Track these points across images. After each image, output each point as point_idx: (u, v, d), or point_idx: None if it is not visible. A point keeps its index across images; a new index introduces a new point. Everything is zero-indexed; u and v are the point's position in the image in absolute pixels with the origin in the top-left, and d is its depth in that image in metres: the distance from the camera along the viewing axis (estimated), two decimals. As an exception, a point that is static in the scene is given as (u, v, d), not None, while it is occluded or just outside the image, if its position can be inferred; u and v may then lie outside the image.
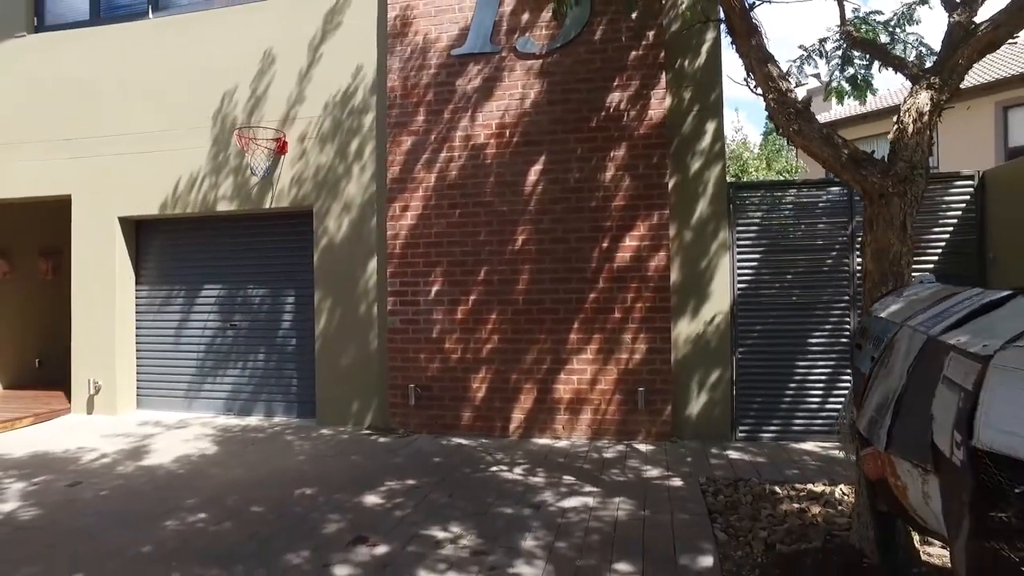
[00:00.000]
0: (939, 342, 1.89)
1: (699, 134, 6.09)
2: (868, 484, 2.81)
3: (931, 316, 2.13)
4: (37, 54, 7.97)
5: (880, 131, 14.61)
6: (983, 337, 1.65)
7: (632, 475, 4.96)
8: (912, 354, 2.08)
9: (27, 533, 4.09)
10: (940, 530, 1.89)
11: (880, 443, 2.16)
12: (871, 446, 2.33)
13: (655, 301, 5.98)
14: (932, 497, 1.83)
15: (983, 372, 1.50)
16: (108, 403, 7.58)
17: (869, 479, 2.65)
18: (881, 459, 2.23)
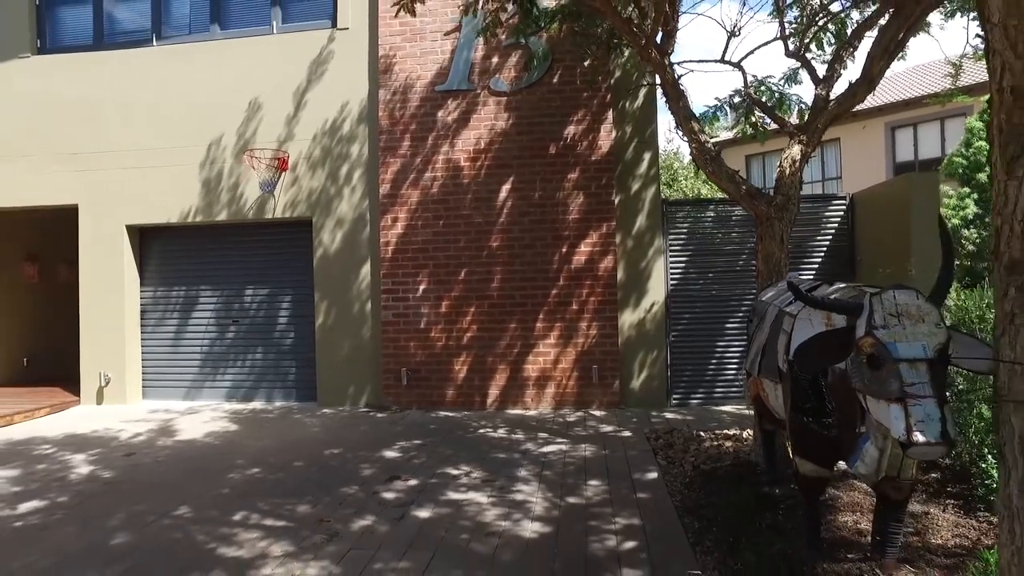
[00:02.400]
0: (782, 310, 3.32)
1: (638, 161, 7.53)
2: (756, 412, 4.26)
3: (783, 297, 3.56)
4: (41, 75, 8.69)
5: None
6: (796, 307, 3.07)
7: (592, 431, 6.34)
8: (771, 319, 3.52)
9: (117, 486, 5.09)
10: (782, 415, 3.31)
11: (756, 372, 3.60)
12: (751, 376, 3.76)
13: (604, 296, 7.38)
14: (779, 396, 3.25)
15: (792, 322, 2.91)
16: (118, 394, 8.40)
17: (753, 402, 4.09)
18: (756, 382, 3.68)
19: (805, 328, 2.81)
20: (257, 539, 3.91)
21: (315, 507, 4.42)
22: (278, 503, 4.53)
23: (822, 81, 5.18)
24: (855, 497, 4.14)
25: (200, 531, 4.07)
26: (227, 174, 8.16)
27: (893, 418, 2.22)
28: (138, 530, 4.14)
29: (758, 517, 3.84)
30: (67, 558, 3.75)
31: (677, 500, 4.34)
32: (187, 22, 8.70)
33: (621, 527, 3.91)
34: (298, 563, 3.55)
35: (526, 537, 3.82)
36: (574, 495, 4.51)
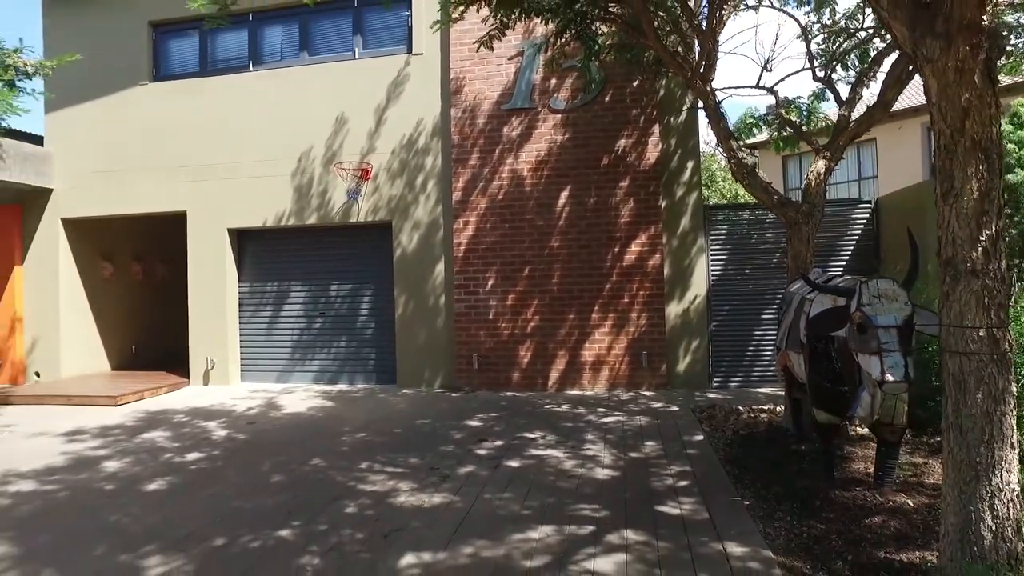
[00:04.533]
0: (803, 297, 4.27)
1: (682, 170, 8.46)
2: (786, 382, 5.20)
3: (805, 288, 4.50)
4: (156, 99, 9.98)
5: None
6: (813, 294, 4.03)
7: (643, 406, 7.31)
8: (795, 304, 4.47)
9: (253, 444, 6.23)
10: (804, 379, 4.25)
11: (784, 347, 4.56)
12: (780, 351, 4.73)
13: (652, 289, 8.33)
14: (801, 364, 4.20)
15: (809, 305, 3.87)
16: (222, 376, 9.64)
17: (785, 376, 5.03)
18: (784, 355, 4.64)
19: (818, 308, 3.79)
20: (385, 479, 4.98)
21: (423, 459, 5.49)
22: (392, 456, 5.61)
23: (845, 103, 6.06)
24: (868, 453, 5.04)
25: (337, 475, 5.16)
26: (316, 183, 9.32)
27: (873, 365, 3.21)
28: (286, 473, 5.26)
29: (786, 466, 4.79)
30: (242, 490, 4.88)
31: (720, 455, 5.30)
32: (279, 49, 9.89)
33: (675, 472, 4.89)
34: (424, 495, 4.61)
35: (600, 478, 4.82)
36: (634, 451, 5.50)
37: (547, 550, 3.60)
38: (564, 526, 3.93)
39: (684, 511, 4.10)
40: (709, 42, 6.09)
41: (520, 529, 3.90)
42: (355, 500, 4.53)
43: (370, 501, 4.50)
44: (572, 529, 3.88)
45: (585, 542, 3.70)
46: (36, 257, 10.36)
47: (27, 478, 5.35)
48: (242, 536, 3.96)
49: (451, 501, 4.44)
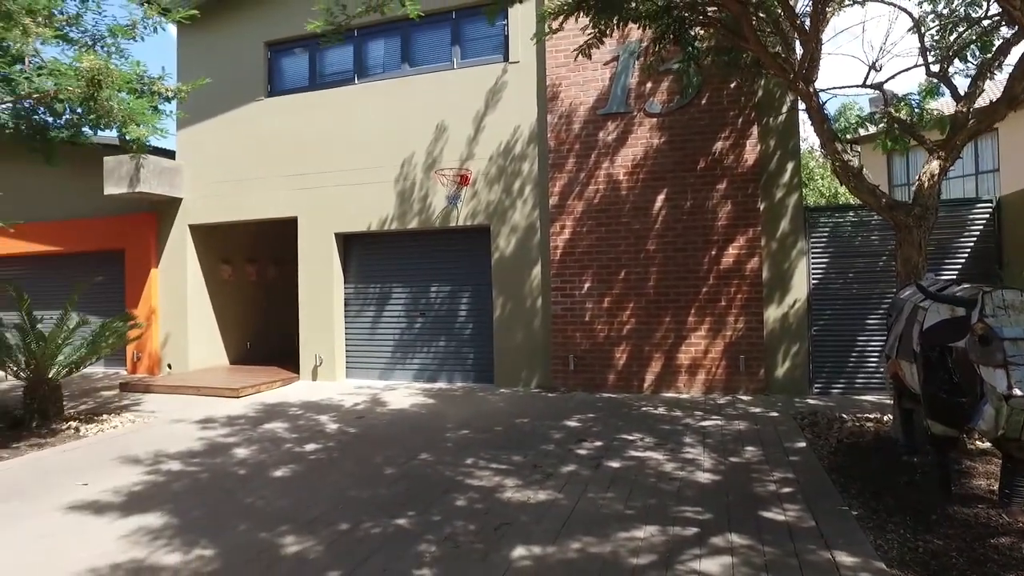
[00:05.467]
0: (916, 305, 4.17)
1: (782, 171, 8.29)
2: (896, 391, 5.06)
3: (917, 295, 4.38)
4: (270, 113, 10.74)
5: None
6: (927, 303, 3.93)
7: (741, 411, 7.25)
8: (907, 312, 4.36)
9: (363, 438, 6.66)
10: (917, 390, 4.16)
11: (894, 355, 4.46)
12: (890, 359, 4.62)
13: (750, 293, 8.21)
14: (914, 375, 4.11)
15: (924, 314, 3.79)
16: (329, 372, 10.26)
17: (895, 384, 4.91)
18: (895, 363, 4.53)
19: (933, 317, 3.70)
20: (490, 475, 5.23)
21: (525, 457, 5.71)
22: (495, 453, 5.86)
23: (963, 98, 5.79)
24: (990, 469, 4.84)
25: (444, 469, 5.46)
26: (417, 188, 9.75)
27: (998, 379, 3.12)
28: (397, 466, 5.61)
29: (897, 478, 4.68)
30: (359, 479, 5.25)
31: (824, 463, 5.23)
32: (382, 62, 10.41)
33: (777, 478, 4.88)
34: (529, 491, 4.82)
35: (701, 481, 4.89)
36: (734, 456, 5.51)
37: (652, 549, 3.73)
38: (668, 527, 4.04)
39: (789, 518, 4.11)
40: (812, 42, 5.98)
41: (625, 528, 4.04)
42: (464, 494, 4.80)
43: (478, 495, 4.76)
44: (676, 530, 3.99)
45: (690, 543, 3.80)
46: (168, 260, 11.39)
47: (174, 459, 5.97)
48: (363, 522, 4.30)
49: (555, 498, 4.63)
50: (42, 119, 7.54)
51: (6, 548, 4.10)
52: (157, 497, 4.94)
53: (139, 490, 5.12)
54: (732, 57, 7.39)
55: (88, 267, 12.19)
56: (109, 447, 6.54)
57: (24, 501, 4.97)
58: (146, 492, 5.07)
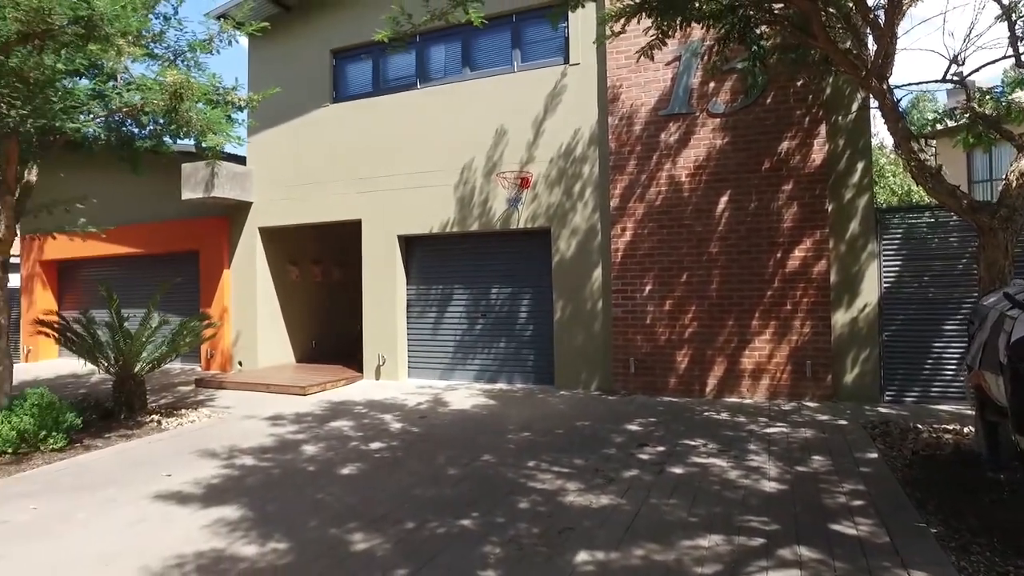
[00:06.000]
0: (1003, 314, 3.98)
1: (851, 171, 8.02)
2: (978, 402, 4.84)
3: (1004, 303, 4.18)
4: (336, 119, 11.06)
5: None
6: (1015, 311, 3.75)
7: (808, 418, 7.07)
8: (992, 320, 4.16)
9: (426, 438, 6.79)
10: (1003, 402, 3.97)
11: (977, 365, 4.26)
12: (973, 370, 4.41)
13: (817, 297, 7.98)
14: (1000, 387, 3.93)
15: (1012, 324, 3.61)
16: (391, 372, 10.49)
17: (977, 395, 4.70)
18: (978, 374, 4.33)
19: (1022, 328, 3.52)
20: (552, 478, 5.27)
21: (587, 461, 5.72)
22: (556, 457, 5.89)
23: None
24: (1079, 485, 4.59)
25: (507, 471, 5.52)
26: (478, 191, 9.87)
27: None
28: (460, 467, 5.70)
29: (981, 495, 4.47)
30: (423, 479, 5.37)
31: (898, 475, 5.05)
32: (443, 67, 10.57)
33: (848, 490, 4.75)
34: (591, 495, 4.83)
35: (767, 491, 4.80)
36: (801, 465, 5.38)
37: (717, 559, 3.70)
38: (733, 536, 3.99)
39: (861, 532, 4.00)
40: (886, 36, 5.77)
41: (689, 536, 4.02)
42: (527, 496, 4.85)
43: (541, 498, 4.80)
44: (742, 540, 3.93)
45: (756, 554, 3.74)
46: (239, 261, 11.87)
47: (247, 454, 6.24)
48: (429, 522, 4.41)
49: (618, 504, 4.63)
50: (129, 130, 7.97)
51: (107, 532, 4.40)
52: (233, 490, 5.18)
53: (217, 483, 5.38)
54: (799, 55, 7.20)
55: (166, 267, 12.83)
56: (188, 440, 6.88)
57: (118, 488, 5.30)
58: (223, 485, 5.33)
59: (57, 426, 6.48)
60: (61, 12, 4.71)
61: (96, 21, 4.89)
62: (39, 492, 5.30)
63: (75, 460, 6.24)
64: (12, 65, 5.17)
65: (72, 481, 5.58)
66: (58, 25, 4.78)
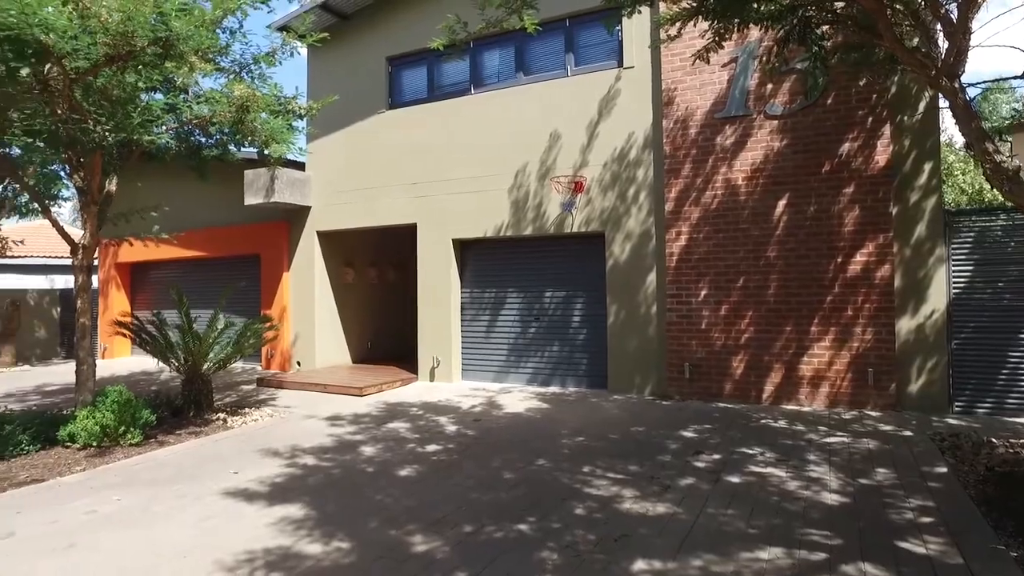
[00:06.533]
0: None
1: (918, 173, 7.75)
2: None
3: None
4: (392, 125, 11.29)
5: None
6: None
7: (870, 428, 6.87)
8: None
9: (481, 440, 6.88)
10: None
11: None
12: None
13: (880, 302, 7.74)
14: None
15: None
16: (445, 374, 10.64)
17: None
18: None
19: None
20: (608, 484, 5.28)
21: (642, 467, 5.71)
22: (611, 463, 5.90)
23: None
24: None
25: (562, 476, 5.56)
26: (532, 196, 9.93)
27: None
28: (515, 471, 5.76)
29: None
30: (479, 482, 5.45)
31: (970, 492, 4.87)
32: (497, 72, 10.67)
33: (915, 506, 4.61)
34: (647, 503, 4.83)
35: (828, 504, 4.70)
36: (864, 478, 5.25)
37: (778, 573, 3.65)
38: (794, 550, 3.93)
39: (931, 551, 3.88)
40: (959, 33, 5.56)
41: (748, 548, 3.98)
42: (582, 502, 4.88)
43: (596, 504, 4.82)
44: (803, 554, 3.87)
45: (818, 569, 3.68)
46: (298, 264, 12.24)
47: (308, 454, 6.45)
48: (486, 526, 4.48)
49: (675, 512, 4.61)
50: (197, 140, 8.34)
51: (182, 526, 4.63)
52: (296, 489, 5.37)
53: (281, 481, 5.59)
54: (862, 54, 7.00)
55: (229, 270, 13.35)
56: (252, 439, 7.15)
57: (189, 484, 5.57)
58: (287, 484, 5.53)
59: (134, 422, 6.83)
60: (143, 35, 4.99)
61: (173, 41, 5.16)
62: (120, 484, 5.61)
63: (150, 455, 6.57)
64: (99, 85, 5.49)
65: (149, 475, 5.88)
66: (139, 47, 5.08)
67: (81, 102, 5.84)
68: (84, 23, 4.92)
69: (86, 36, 5.01)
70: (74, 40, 4.96)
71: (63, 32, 4.83)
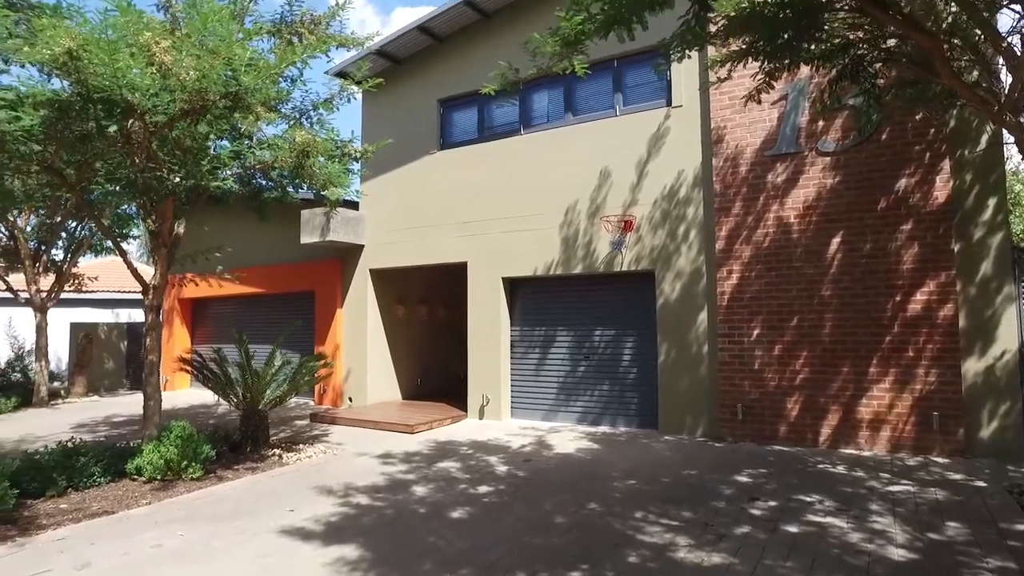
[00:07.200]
0: None
1: (981, 208, 7.53)
2: None
3: None
4: (443, 165, 11.58)
5: None
6: None
7: (938, 476, 6.58)
8: None
9: (531, 482, 6.85)
10: None
11: None
12: None
13: (944, 343, 7.47)
14: None
15: None
16: (495, 411, 10.67)
17: None
18: None
19: None
20: (661, 531, 5.19)
21: (696, 514, 5.60)
22: (664, 508, 5.80)
23: None
24: None
25: (614, 521, 5.49)
26: (581, 234, 10.00)
27: None
28: (567, 514, 5.72)
29: None
30: (531, 525, 5.43)
31: (1050, 549, 4.62)
32: (546, 112, 10.86)
33: (994, 567, 4.36)
34: (702, 552, 4.73)
35: (895, 559, 4.52)
36: (933, 532, 5.02)
37: (843, 632, 3.52)
38: (859, 608, 3.79)
39: (1007, 612, 3.69)
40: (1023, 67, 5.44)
41: (810, 604, 3.85)
42: (636, 550, 4.81)
43: (650, 553, 4.75)
44: (869, 612, 3.73)
45: (886, 629, 3.54)
46: (351, 301, 12.55)
47: (361, 492, 6.55)
48: (539, 571, 4.46)
49: (731, 563, 4.50)
50: (258, 183, 8.72)
51: (241, 561, 4.76)
52: (351, 529, 5.45)
53: (335, 520, 5.68)
54: (918, 90, 6.91)
55: (285, 306, 13.77)
56: (307, 476, 7.30)
57: (247, 520, 5.72)
58: (341, 523, 5.61)
59: (196, 457, 7.07)
60: (216, 90, 5.33)
61: (242, 94, 5.48)
62: (183, 519, 5.80)
63: (210, 490, 6.77)
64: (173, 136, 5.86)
65: (209, 510, 6.06)
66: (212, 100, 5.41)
67: (157, 152, 6.22)
68: (165, 82, 5.28)
69: (166, 94, 5.38)
70: (155, 97, 5.33)
71: (146, 91, 5.20)
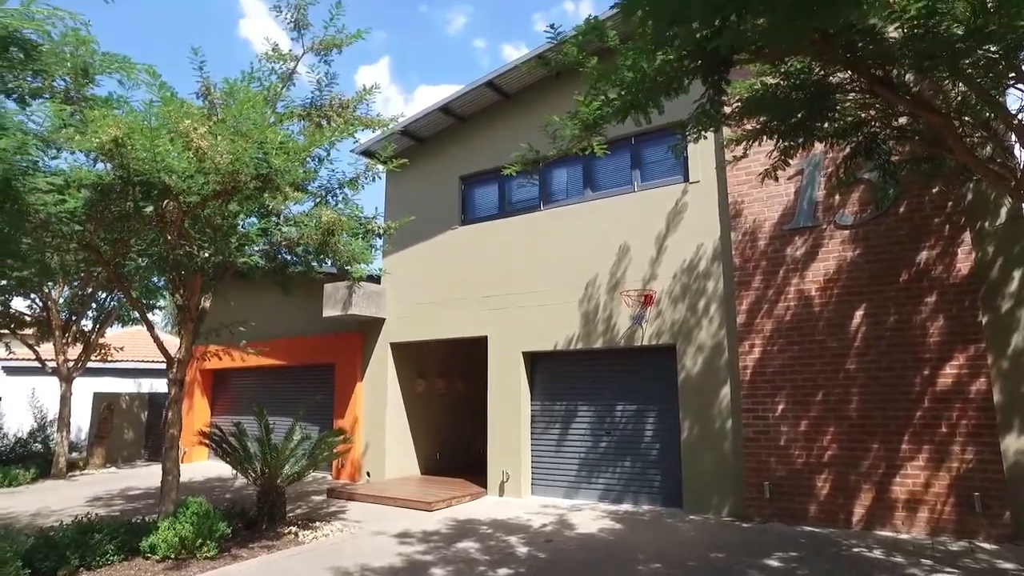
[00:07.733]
0: None
1: (1007, 280, 7.46)
2: None
3: None
4: (464, 240, 11.79)
5: None
6: None
7: (985, 564, 6.24)
8: None
9: (555, 564, 6.63)
10: None
11: None
12: None
13: (979, 419, 7.25)
14: None
15: None
16: (515, 489, 10.43)
17: None
18: None
19: None
20: (689, 618, 4.96)
21: (726, 599, 5.35)
22: (691, 592, 5.56)
23: None
24: None
25: (639, 606, 5.27)
26: (601, 308, 10.02)
27: None
28: (590, 599, 5.50)
29: None
30: (554, 612, 5.22)
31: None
32: (565, 189, 11.11)
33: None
34: (733, 642, 4.49)
35: (940, 652, 4.25)
36: (980, 622, 4.74)
37: None
38: None
39: None
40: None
41: None
42: (663, 638, 4.59)
43: (679, 642, 4.52)
44: None
45: None
46: (371, 375, 12.55)
47: (378, 574, 6.36)
48: (562, 661, 4.25)
49: (765, 655, 4.27)
50: (283, 258, 8.94)
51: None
52: (368, 612, 5.27)
53: (352, 603, 5.50)
54: (933, 165, 7.00)
55: (305, 378, 13.81)
56: (323, 557, 7.12)
57: (259, 606, 5.55)
58: (358, 606, 5.43)
59: (211, 535, 6.95)
60: (247, 172, 5.57)
61: (272, 176, 5.72)
62: (194, 602, 5.65)
63: (224, 570, 6.62)
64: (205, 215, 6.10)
65: (222, 592, 5.91)
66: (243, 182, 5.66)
67: (189, 230, 6.45)
68: (200, 165, 5.55)
69: (200, 176, 5.64)
70: (190, 179, 5.59)
71: (182, 173, 5.46)
